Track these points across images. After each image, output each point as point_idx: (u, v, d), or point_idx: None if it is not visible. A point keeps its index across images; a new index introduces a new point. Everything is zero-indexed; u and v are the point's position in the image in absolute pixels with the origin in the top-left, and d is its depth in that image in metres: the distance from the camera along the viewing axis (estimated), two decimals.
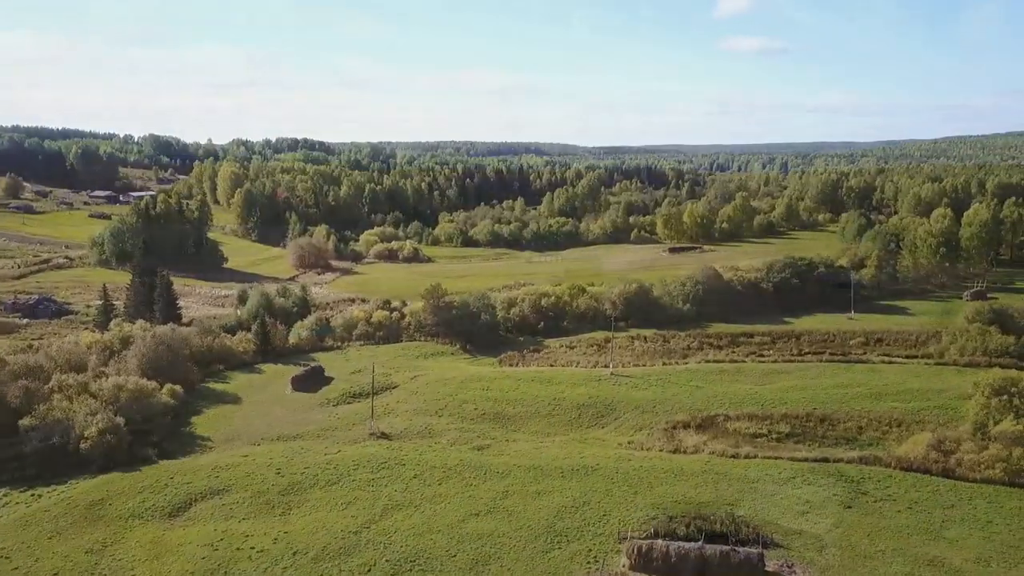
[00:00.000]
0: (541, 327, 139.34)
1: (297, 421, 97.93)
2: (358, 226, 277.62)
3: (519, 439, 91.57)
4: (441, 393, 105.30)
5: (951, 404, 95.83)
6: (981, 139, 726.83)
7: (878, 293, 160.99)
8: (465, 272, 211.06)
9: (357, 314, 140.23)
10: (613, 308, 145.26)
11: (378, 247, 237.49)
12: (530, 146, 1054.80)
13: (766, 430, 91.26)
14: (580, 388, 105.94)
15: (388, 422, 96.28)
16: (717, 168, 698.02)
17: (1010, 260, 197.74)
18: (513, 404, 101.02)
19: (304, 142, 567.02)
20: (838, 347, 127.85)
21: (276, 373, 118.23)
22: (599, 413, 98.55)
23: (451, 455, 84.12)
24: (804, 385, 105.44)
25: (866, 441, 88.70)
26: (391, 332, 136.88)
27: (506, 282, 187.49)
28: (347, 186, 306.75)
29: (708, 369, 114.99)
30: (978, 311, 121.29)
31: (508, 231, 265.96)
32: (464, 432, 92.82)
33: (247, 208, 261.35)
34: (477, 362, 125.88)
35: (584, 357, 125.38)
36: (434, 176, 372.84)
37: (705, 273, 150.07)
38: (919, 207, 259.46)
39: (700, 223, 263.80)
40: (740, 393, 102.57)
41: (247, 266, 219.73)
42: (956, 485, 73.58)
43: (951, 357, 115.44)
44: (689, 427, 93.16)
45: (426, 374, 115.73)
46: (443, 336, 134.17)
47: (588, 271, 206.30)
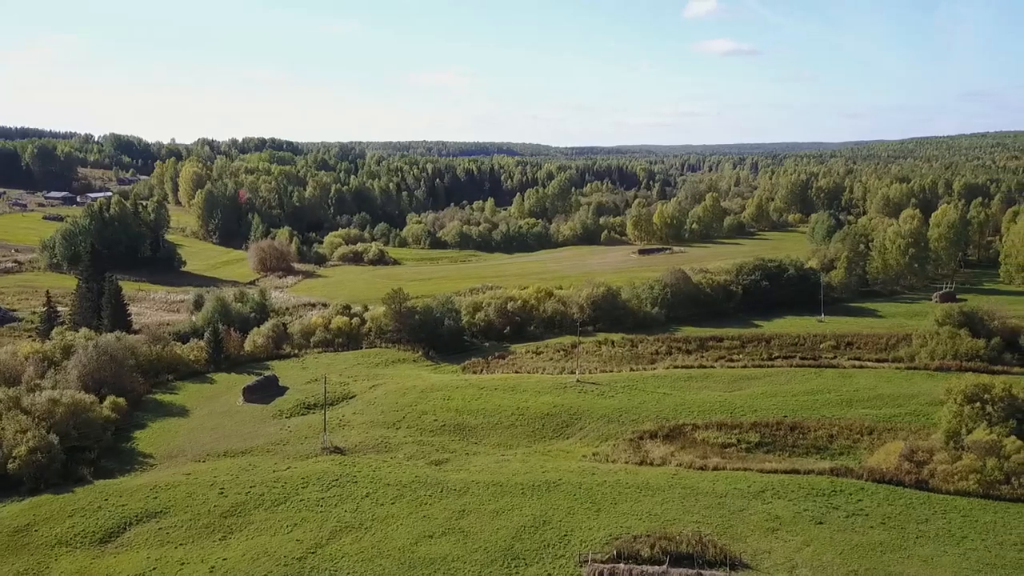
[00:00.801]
0: (507, 332, 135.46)
1: (246, 435, 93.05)
2: (323, 228, 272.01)
3: (479, 452, 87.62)
4: (400, 403, 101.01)
5: (923, 410, 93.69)
6: (947, 140, 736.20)
7: (848, 295, 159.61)
8: (432, 275, 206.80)
9: (315, 320, 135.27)
10: (581, 312, 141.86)
11: (343, 249, 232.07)
12: (502, 146, 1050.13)
13: (735, 439, 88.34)
14: (545, 396, 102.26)
15: (342, 435, 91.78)
16: (688, 168, 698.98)
17: (977, 261, 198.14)
18: (475, 415, 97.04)
19: (271, 142, 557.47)
20: (808, 351, 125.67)
21: (228, 383, 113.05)
22: (564, 423, 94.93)
23: (406, 471, 79.95)
24: (774, 391, 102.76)
25: (837, 450, 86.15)
26: (351, 339, 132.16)
27: (474, 285, 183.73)
28: (313, 187, 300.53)
29: (676, 375, 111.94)
30: (948, 313, 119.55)
31: (477, 232, 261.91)
32: (422, 446, 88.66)
33: (208, 209, 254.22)
34: (440, 369, 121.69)
35: (551, 363, 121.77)
36: (403, 176, 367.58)
37: (674, 276, 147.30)
38: (888, 208, 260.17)
39: (670, 224, 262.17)
40: (709, 400, 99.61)
41: (207, 270, 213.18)
42: (930, 498, 70.97)
43: (922, 361, 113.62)
44: (656, 437, 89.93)
45: (386, 383, 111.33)
46: (405, 342, 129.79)
47: (557, 273, 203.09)
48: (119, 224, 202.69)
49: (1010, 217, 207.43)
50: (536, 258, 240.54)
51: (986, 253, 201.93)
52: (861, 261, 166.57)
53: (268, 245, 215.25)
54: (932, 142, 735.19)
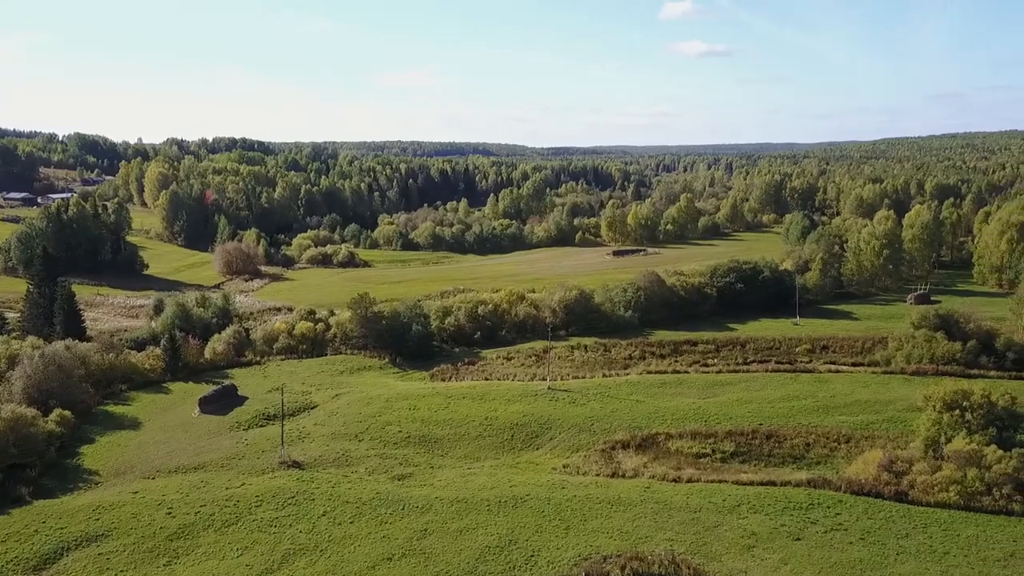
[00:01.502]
0: (478, 337, 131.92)
1: (200, 449, 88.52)
2: (293, 229, 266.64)
3: (445, 465, 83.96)
4: (364, 414, 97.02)
5: (900, 417, 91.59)
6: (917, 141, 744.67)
7: (822, 297, 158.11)
8: (402, 277, 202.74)
9: (278, 326, 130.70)
10: (554, 316, 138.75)
11: (311, 251, 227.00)
12: (478, 146, 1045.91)
13: (710, 449, 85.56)
14: (515, 405, 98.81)
15: (302, 448, 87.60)
16: (663, 169, 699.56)
17: (950, 261, 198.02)
18: (441, 425, 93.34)
19: (242, 142, 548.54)
20: (784, 355, 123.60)
21: (185, 393, 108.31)
22: (534, 433, 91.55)
23: (367, 487, 76.08)
24: (749, 398, 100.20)
25: (814, 459, 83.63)
26: (315, 345, 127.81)
27: (445, 288, 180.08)
28: (282, 187, 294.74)
29: (650, 381, 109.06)
30: (924, 316, 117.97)
31: (450, 234, 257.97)
32: (385, 459, 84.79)
33: (173, 211, 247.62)
34: (407, 377, 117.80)
35: (522, 369, 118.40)
36: (375, 177, 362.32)
37: (647, 279, 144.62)
38: (861, 208, 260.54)
39: (644, 225, 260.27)
40: (683, 408, 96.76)
41: (170, 273, 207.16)
42: (910, 510, 68.52)
43: (898, 365, 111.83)
44: (629, 447, 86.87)
45: (350, 392, 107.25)
46: (371, 349, 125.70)
47: (531, 275, 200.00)
48: (78, 226, 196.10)
49: (982, 218, 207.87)
50: (510, 260, 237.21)
51: (959, 254, 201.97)
52: (836, 263, 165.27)
53: (234, 247, 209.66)
54: (903, 143, 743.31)
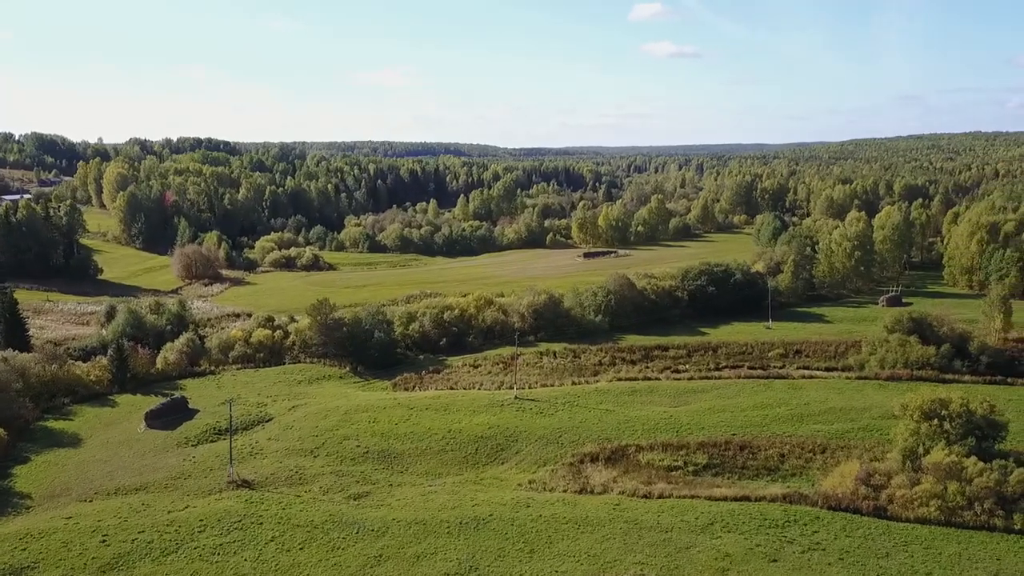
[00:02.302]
0: (443, 344, 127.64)
1: (144, 467, 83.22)
2: (257, 232, 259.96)
3: (404, 483, 79.62)
4: (321, 427, 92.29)
5: (875, 424, 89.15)
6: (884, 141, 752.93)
7: (795, 299, 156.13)
8: (368, 281, 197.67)
9: (235, 333, 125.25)
10: (522, 321, 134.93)
11: (275, 254, 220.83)
12: (450, 147, 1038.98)
13: (682, 461, 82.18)
14: (480, 416, 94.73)
15: (253, 466, 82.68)
16: (634, 170, 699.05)
17: (920, 262, 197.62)
18: (402, 439, 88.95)
19: (207, 142, 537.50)
20: (756, 359, 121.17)
21: (132, 406, 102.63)
22: (499, 446, 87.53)
23: (320, 509, 71.53)
24: (722, 406, 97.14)
25: (789, 471, 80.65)
26: (273, 353, 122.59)
27: (412, 292, 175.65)
28: (246, 189, 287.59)
29: (620, 389, 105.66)
30: (897, 320, 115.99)
31: (418, 236, 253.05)
32: (341, 477, 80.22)
33: (131, 213, 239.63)
34: (368, 386, 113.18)
35: (489, 377, 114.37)
36: (342, 177, 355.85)
37: (618, 282, 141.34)
38: (832, 209, 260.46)
39: (615, 226, 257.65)
40: (654, 417, 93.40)
41: (126, 277, 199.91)
42: (889, 527, 65.61)
43: (872, 370, 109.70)
44: (598, 460, 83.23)
45: (307, 403, 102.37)
46: (332, 357, 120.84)
47: (500, 278, 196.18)
48: (27, 229, 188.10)
49: (951, 219, 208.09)
50: (479, 262, 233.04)
51: (928, 255, 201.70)
52: (808, 265, 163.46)
53: (194, 251, 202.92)
54: (871, 143, 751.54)
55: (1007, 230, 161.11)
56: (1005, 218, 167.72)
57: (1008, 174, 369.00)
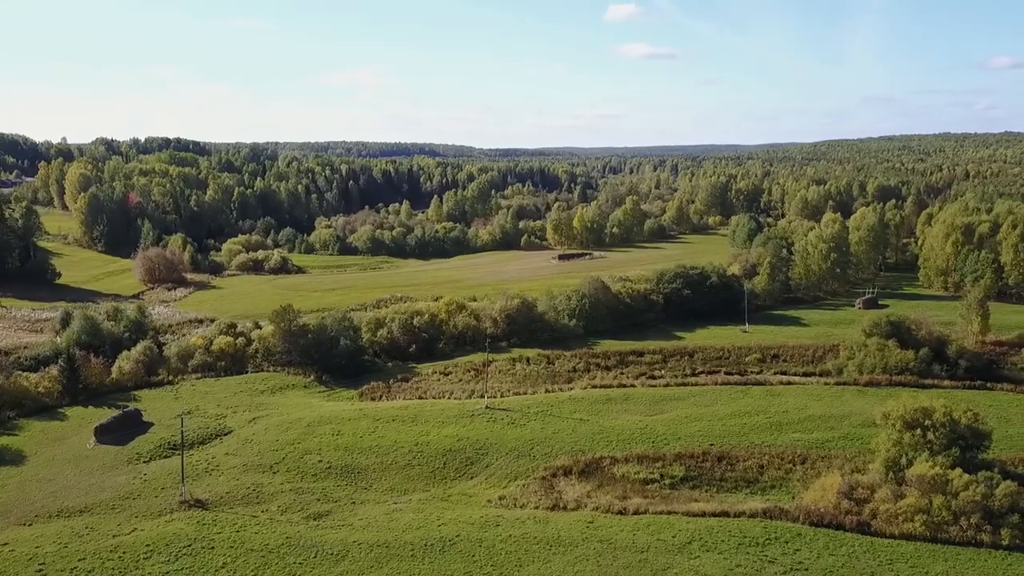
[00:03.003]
0: (413, 351, 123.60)
1: (91, 487, 78.41)
2: (224, 234, 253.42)
3: (368, 500, 75.67)
4: (281, 441, 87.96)
5: (856, 433, 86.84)
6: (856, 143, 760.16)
7: (771, 302, 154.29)
8: (337, 284, 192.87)
9: (195, 341, 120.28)
10: (494, 326, 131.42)
11: (242, 257, 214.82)
12: (424, 147, 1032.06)
13: (658, 474, 79.18)
14: (449, 428, 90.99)
15: (208, 483, 78.24)
16: (610, 171, 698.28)
17: (895, 264, 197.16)
18: (366, 453, 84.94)
19: (176, 142, 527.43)
20: (733, 364, 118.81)
21: (82, 420, 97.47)
22: (468, 460, 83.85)
23: (277, 530, 67.38)
24: (699, 414, 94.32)
25: (768, 483, 78.00)
26: (235, 361, 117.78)
27: (382, 295, 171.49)
28: (214, 190, 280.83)
29: (594, 397, 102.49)
30: (875, 323, 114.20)
31: (390, 237, 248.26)
32: (301, 494, 76.04)
33: (92, 214, 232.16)
34: (334, 396, 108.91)
35: (460, 385, 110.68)
36: (313, 178, 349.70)
37: (592, 285, 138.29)
38: (806, 210, 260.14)
39: (590, 228, 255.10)
40: (629, 427, 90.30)
41: (86, 282, 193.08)
42: (873, 544, 62.95)
43: (850, 375, 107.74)
44: (571, 474, 79.92)
45: (269, 415, 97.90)
46: (296, 365, 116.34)
47: (473, 281, 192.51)
48: None
49: (925, 220, 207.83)
50: (452, 265, 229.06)
51: (903, 256, 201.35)
52: (784, 267, 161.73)
53: (157, 254, 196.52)
54: (843, 144, 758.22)
55: (981, 231, 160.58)
56: (979, 219, 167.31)
57: (978, 175, 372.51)
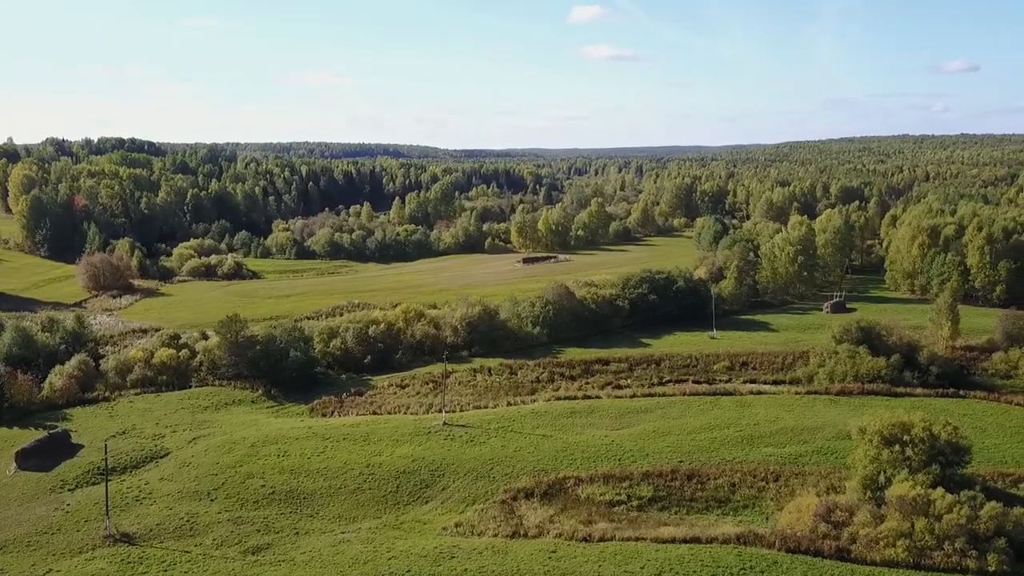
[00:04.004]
0: (368, 362, 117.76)
1: (6, 520, 71.57)
2: (177, 238, 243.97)
3: (313, 530, 69.88)
4: (222, 463, 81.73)
5: (830, 447, 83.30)
6: (818, 144, 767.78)
7: (738, 307, 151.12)
8: (293, 290, 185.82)
9: (135, 353, 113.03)
10: (455, 335, 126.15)
11: (194, 262, 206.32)
12: (388, 148, 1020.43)
13: (625, 495, 74.69)
14: (404, 447, 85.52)
15: (137, 514, 71.81)
16: (575, 172, 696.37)
17: (861, 266, 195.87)
18: (314, 476, 79.09)
19: (131, 143, 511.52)
20: (701, 372, 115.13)
21: (5, 443, 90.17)
22: (423, 482, 78.46)
23: (210, 568, 61.48)
24: (667, 428, 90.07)
25: (741, 502, 73.89)
26: (179, 375, 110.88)
27: (339, 302, 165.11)
28: (166, 192, 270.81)
29: (558, 410, 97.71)
30: (845, 329, 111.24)
31: (350, 241, 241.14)
32: (240, 525, 70.01)
33: (35, 218, 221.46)
34: (283, 412, 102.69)
35: (417, 399, 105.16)
36: (271, 179, 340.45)
37: (556, 291, 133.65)
38: (771, 211, 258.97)
39: (555, 231, 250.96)
40: (594, 443, 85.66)
41: (25, 289, 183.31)
42: (854, 572, 59.08)
43: (821, 383, 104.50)
44: (533, 496, 75.05)
45: (211, 434, 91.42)
46: (243, 379, 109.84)
47: (436, 286, 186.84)
48: None
49: (889, 221, 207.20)
50: (414, 269, 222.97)
51: (868, 258, 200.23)
52: (751, 271, 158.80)
53: (102, 260, 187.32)
54: (805, 146, 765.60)
55: (947, 234, 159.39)
56: (944, 221, 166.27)
57: (938, 176, 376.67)
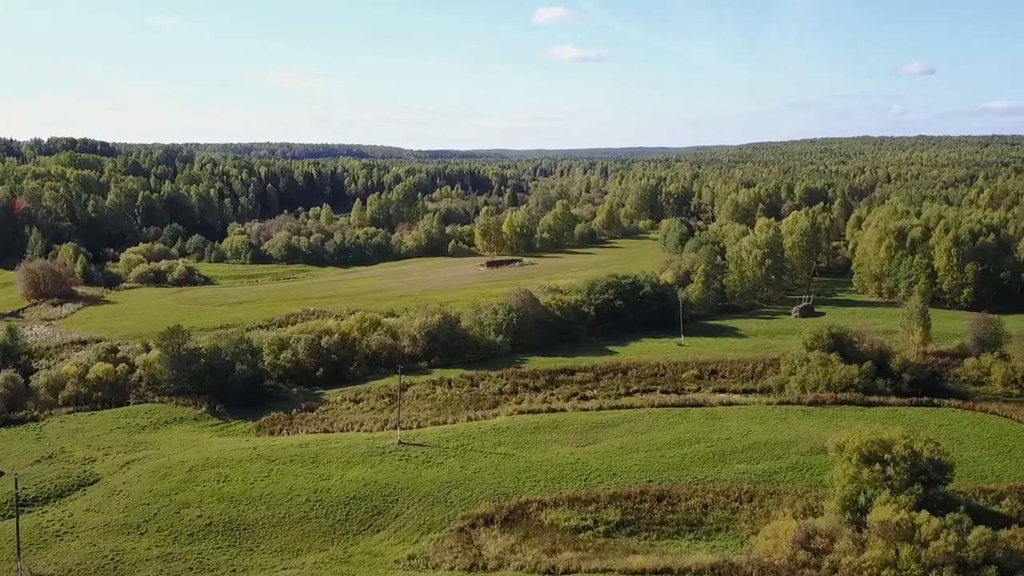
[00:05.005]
0: (320, 375, 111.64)
1: None
2: (127, 242, 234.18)
3: (252, 566, 63.91)
4: (156, 491, 75.22)
5: (805, 462, 79.58)
6: (780, 145, 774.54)
7: (706, 311, 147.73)
8: (246, 297, 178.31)
9: (68, 369, 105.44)
10: (413, 345, 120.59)
11: (142, 268, 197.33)
12: (353, 148, 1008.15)
13: (591, 520, 69.96)
14: (355, 469, 79.82)
15: (56, 552, 65.12)
16: (540, 173, 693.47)
17: (827, 268, 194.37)
18: (256, 504, 73.00)
19: (83, 142, 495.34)
20: (670, 382, 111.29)
21: None
22: (375, 509, 72.84)
23: None
24: (635, 444, 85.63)
25: (714, 525, 69.63)
26: (116, 391, 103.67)
27: (294, 309, 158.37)
28: (116, 194, 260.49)
29: (521, 425, 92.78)
30: (816, 336, 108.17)
31: (307, 244, 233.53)
32: (170, 563, 63.74)
33: None
34: (228, 430, 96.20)
35: (371, 415, 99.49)
36: (228, 181, 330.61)
37: (520, 298, 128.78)
38: (737, 213, 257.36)
39: (520, 233, 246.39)
40: (559, 462, 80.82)
41: None
42: None
43: (793, 392, 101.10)
44: (493, 523, 69.94)
45: (147, 457, 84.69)
46: (186, 395, 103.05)
47: (396, 291, 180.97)
48: None
49: (854, 223, 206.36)
50: (374, 273, 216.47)
51: (834, 260, 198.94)
52: (719, 275, 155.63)
53: (42, 266, 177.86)
54: (768, 147, 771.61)
55: (914, 236, 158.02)
56: (911, 223, 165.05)
57: (899, 177, 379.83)
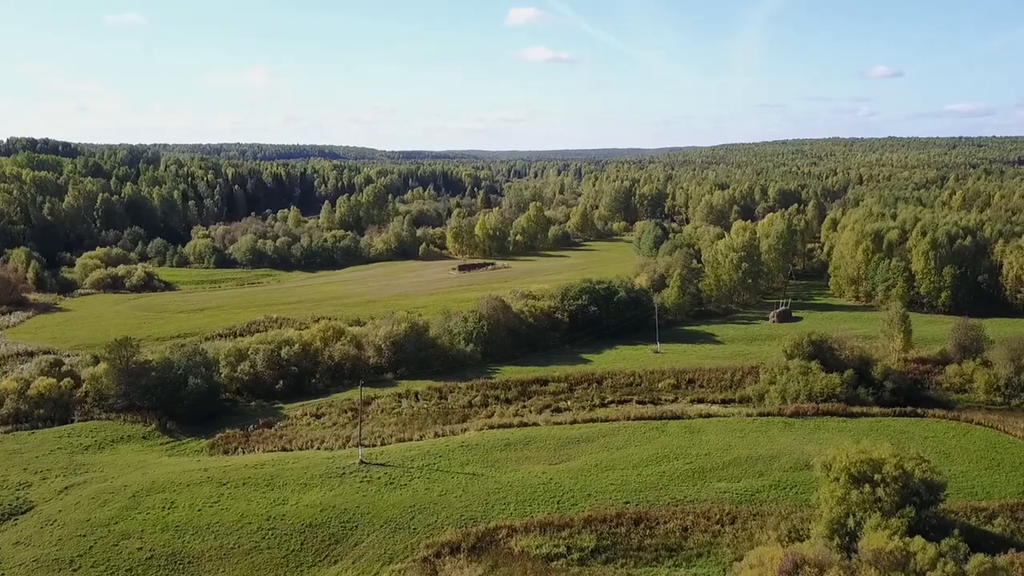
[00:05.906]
0: (280, 388, 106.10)
1: None
2: (84, 246, 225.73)
3: None
4: (94, 520, 69.40)
5: (789, 479, 75.87)
6: (752, 146, 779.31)
7: (682, 316, 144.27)
8: (208, 303, 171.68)
9: (7, 384, 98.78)
10: (379, 355, 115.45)
11: (99, 273, 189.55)
12: (324, 149, 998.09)
13: (564, 547, 65.43)
14: (312, 493, 74.57)
15: None
16: (514, 174, 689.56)
17: (803, 270, 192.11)
18: (203, 534, 67.47)
19: (43, 143, 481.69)
20: (646, 391, 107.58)
21: None
22: (332, 538, 67.66)
23: None
24: (611, 461, 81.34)
25: (694, 549, 65.50)
26: (60, 407, 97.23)
27: (256, 316, 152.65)
28: (74, 196, 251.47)
29: (491, 441, 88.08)
30: (796, 344, 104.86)
31: (273, 248, 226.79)
32: None
33: None
34: (179, 448, 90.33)
35: (333, 431, 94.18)
36: (193, 183, 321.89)
37: (491, 305, 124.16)
38: (711, 215, 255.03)
39: (493, 236, 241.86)
40: (531, 483, 76.26)
41: None
42: None
43: (773, 403, 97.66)
44: (459, 552, 65.10)
45: (88, 481, 78.71)
46: (136, 411, 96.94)
47: (363, 297, 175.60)
48: None
49: (829, 225, 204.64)
50: (341, 278, 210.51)
51: (809, 262, 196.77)
52: (695, 279, 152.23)
53: None
54: (739, 148, 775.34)
55: (891, 239, 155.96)
56: (887, 226, 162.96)
57: (871, 178, 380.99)
